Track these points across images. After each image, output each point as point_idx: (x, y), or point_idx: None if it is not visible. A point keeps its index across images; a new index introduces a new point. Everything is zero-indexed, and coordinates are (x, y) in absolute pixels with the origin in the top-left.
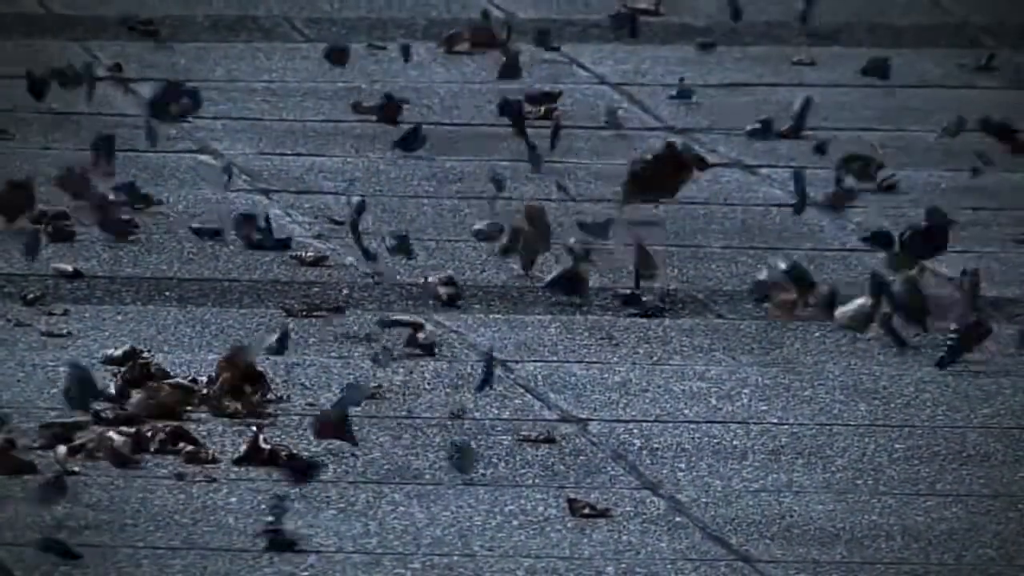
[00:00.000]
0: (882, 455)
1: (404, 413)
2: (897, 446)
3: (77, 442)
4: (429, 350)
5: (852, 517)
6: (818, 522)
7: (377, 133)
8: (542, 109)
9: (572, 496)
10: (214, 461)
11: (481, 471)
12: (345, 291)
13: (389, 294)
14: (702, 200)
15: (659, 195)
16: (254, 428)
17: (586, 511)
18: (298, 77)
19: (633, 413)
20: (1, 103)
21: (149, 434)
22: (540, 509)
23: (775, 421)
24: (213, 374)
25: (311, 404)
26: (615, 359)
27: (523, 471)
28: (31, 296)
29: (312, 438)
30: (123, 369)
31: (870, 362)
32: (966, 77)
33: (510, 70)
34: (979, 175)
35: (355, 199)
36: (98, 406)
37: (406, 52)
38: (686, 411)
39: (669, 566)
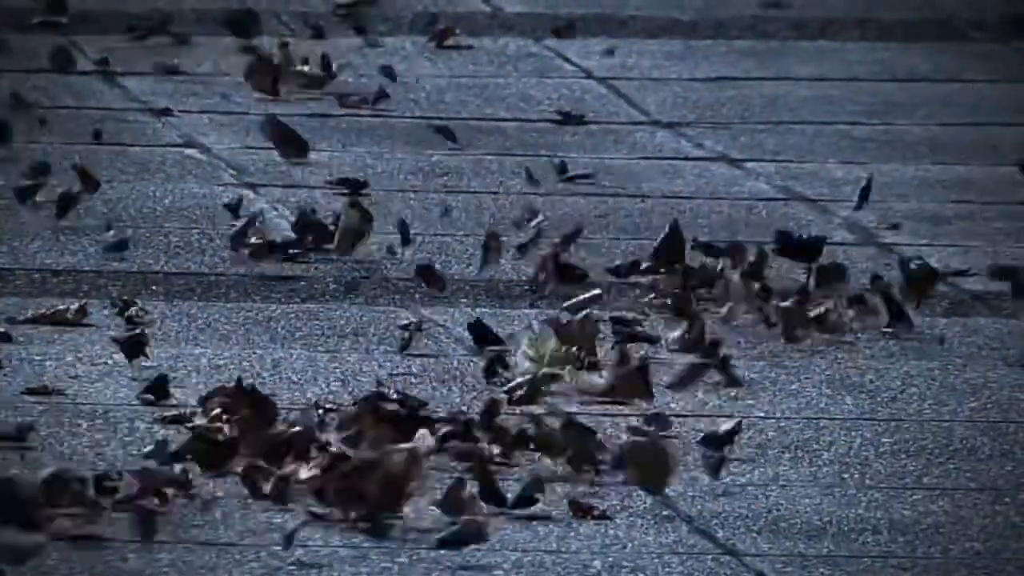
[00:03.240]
0: (869, 449)
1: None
2: (884, 440)
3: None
4: None
5: (839, 511)
6: (805, 516)
7: (364, 127)
8: None
9: (576, 500)
10: None
11: (468, 464)
12: (332, 285)
13: (375, 288)
14: (688, 194)
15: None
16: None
17: (595, 513)
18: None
19: (620, 407)
20: None
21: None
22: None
23: (762, 415)
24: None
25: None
26: (602, 353)
27: (510, 464)
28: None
29: None
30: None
31: (857, 356)
32: (953, 71)
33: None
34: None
35: None
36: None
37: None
38: (673, 406)
39: (656, 560)
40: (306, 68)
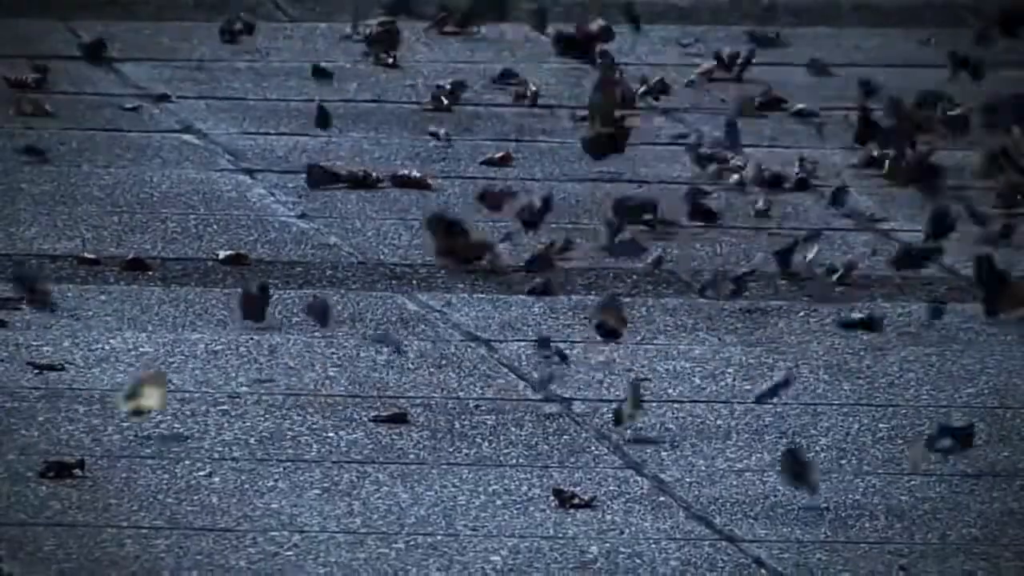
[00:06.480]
0: (866, 435)
1: (388, 392)
2: (881, 426)
3: None
4: None
5: (836, 497)
6: (802, 501)
7: (361, 112)
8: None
9: (558, 488)
10: None
11: (465, 451)
12: (329, 271)
13: (372, 274)
14: (685, 180)
15: None
16: None
17: (575, 501)
18: (281, 57)
19: (617, 393)
20: None
21: None
22: (524, 489)
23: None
24: None
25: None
26: (599, 338)
27: (507, 451)
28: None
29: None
30: None
31: (854, 342)
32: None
33: None
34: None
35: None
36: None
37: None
38: (670, 391)
39: (653, 546)
40: None
